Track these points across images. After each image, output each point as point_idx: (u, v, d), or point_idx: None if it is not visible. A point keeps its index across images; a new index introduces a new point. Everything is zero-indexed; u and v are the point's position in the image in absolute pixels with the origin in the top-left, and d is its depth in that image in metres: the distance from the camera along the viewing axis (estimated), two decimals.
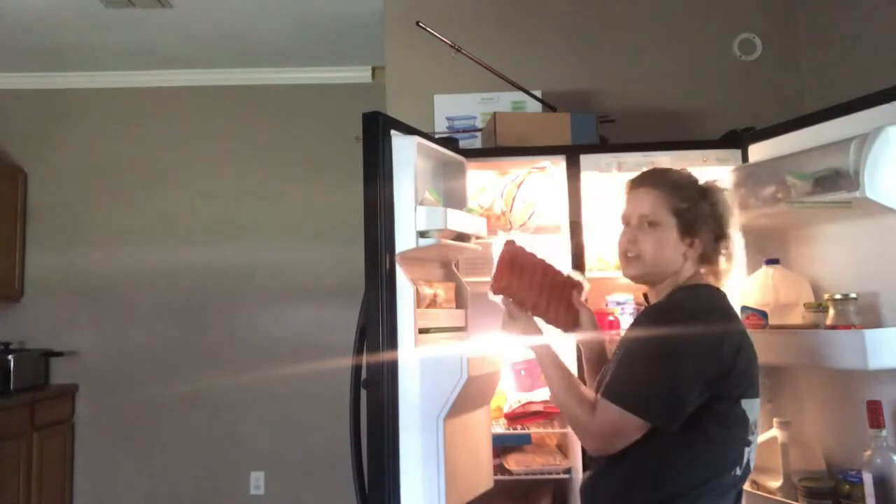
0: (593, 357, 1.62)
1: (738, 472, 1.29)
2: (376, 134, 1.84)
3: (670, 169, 1.50)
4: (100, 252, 4.04)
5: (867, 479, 1.51)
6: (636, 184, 1.48)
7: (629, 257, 1.45)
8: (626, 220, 1.48)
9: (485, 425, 2.10)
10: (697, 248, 1.41)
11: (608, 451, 1.30)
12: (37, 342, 3.95)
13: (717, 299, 1.40)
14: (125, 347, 3.98)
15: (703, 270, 1.43)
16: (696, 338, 1.26)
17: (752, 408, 1.30)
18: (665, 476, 1.28)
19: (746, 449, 1.30)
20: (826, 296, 1.73)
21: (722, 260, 1.42)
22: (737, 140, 2.16)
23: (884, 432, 1.53)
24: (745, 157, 2.12)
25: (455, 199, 2.16)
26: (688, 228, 1.40)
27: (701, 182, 1.46)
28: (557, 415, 2.37)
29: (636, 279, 1.48)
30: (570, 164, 2.22)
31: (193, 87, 4.16)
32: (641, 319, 1.42)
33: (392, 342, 1.79)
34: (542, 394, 2.37)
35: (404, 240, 1.83)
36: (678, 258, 1.41)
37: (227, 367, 3.91)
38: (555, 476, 2.27)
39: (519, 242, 2.38)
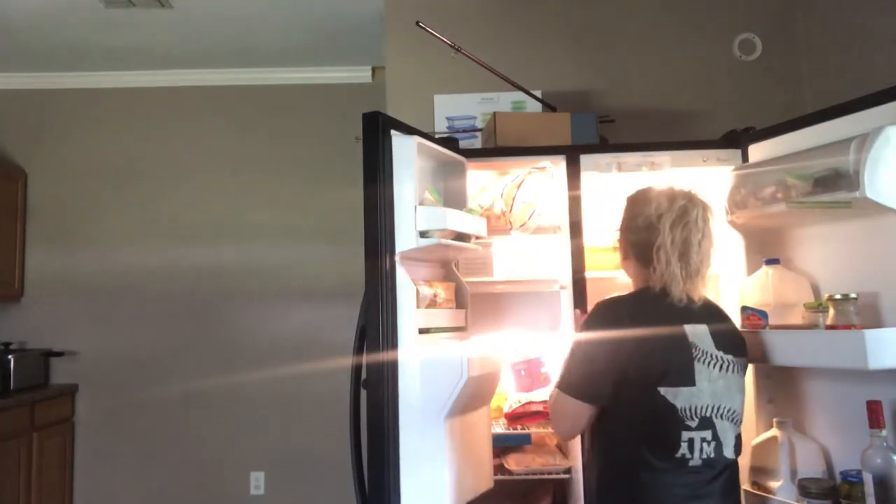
0: None
1: (687, 454, 1.43)
2: (376, 134, 1.84)
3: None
4: (100, 252, 4.04)
5: (867, 479, 1.51)
6: None
7: None
8: None
9: (485, 425, 2.10)
10: (626, 254, 1.67)
11: (564, 432, 1.63)
12: (37, 342, 3.95)
13: (625, 300, 1.59)
14: (125, 347, 3.98)
15: (649, 276, 1.58)
16: (597, 334, 1.52)
17: (677, 396, 1.44)
18: (607, 450, 1.54)
19: (685, 433, 1.43)
20: (826, 296, 1.73)
21: (645, 263, 1.58)
22: (737, 140, 2.16)
23: (884, 432, 1.53)
24: (745, 157, 2.11)
25: (455, 199, 2.16)
26: (619, 239, 1.71)
27: (642, 191, 1.66)
28: None
29: None
30: (570, 164, 2.22)
31: (193, 87, 4.16)
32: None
33: (392, 342, 1.79)
34: (542, 394, 2.37)
35: (404, 240, 1.83)
36: (621, 264, 1.72)
37: (227, 367, 3.91)
38: (555, 476, 2.27)
39: (519, 242, 2.40)
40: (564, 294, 2.33)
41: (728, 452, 1.48)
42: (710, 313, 1.58)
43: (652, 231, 1.55)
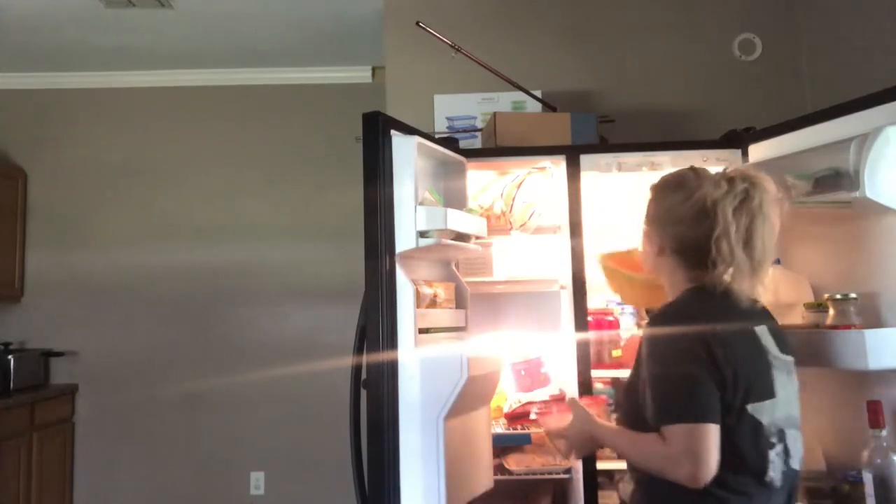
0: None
1: (773, 476, 1.24)
2: (376, 134, 1.84)
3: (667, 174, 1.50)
4: (100, 252, 4.04)
5: (867, 479, 1.51)
6: None
7: None
8: None
9: (485, 425, 2.10)
10: (661, 248, 1.41)
11: (702, 472, 1.17)
12: (37, 342, 3.95)
13: (687, 304, 1.35)
14: (125, 347, 3.98)
15: (693, 273, 1.37)
16: (681, 350, 1.25)
17: (762, 411, 1.25)
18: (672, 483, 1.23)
19: (771, 452, 1.25)
20: (826, 296, 1.73)
21: (698, 258, 1.34)
22: (737, 140, 2.16)
23: (884, 432, 1.53)
24: (745, 157, 2.12)
25: (455, 199, 2.16)
26: (649, 231, 1.45)
27: (682, 175, 1.42)
28: None
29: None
30: (570, 164, 2.22)
31: (193, 87, 4.16)
32: (644, 334, 1.37)
33: (392, 342, 1.79)
34: (542, 394, 2.37)
35: (404, 240, 1.83)
36: (652, 264, 1.46)
37: (227, 367, 3.91)
38: (555, 476, 2.27)
39: (519, 242, 2.40)
40: (564, 294, 2.33)
41: (795, 464, 1.29)
42: (764, 311, 1.39)
43: (706, 219, 1.32)
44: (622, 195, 2.24)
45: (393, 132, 1.87)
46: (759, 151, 2.06)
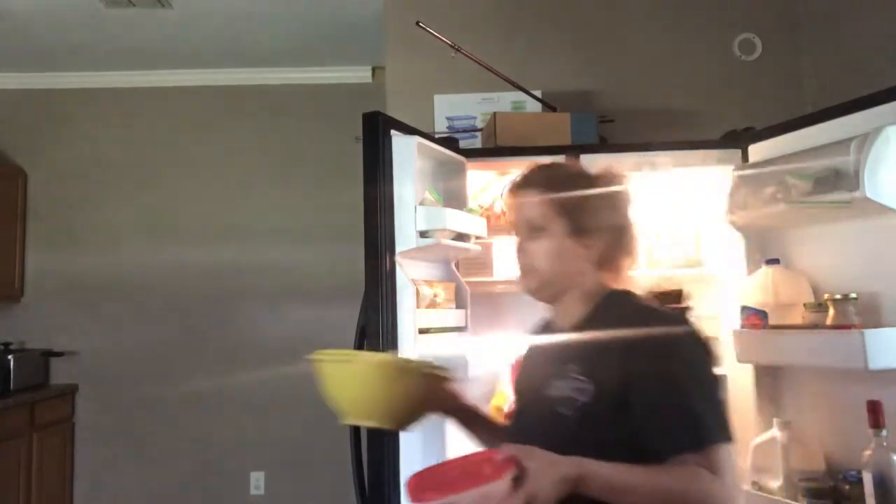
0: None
1: None
2: (376, 134, 1.84)
3: (553, 163, 1.35)
4: (100, 252, 4.04)
5: (867, 479, 1.51)
6: (517, 187, 1.29)
7: (522, 270, 1.27)
8: (515, 230, 1.29)
9: None
10: (597, 248, 1.22)
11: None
12: (37, 342, 3.95)
13: (650, 304, 1.24)
14: (125, 347, 3.99)
15: (604, 274, 1.24)
16: (692, 347, 1.12)
17: None
18: None
19: None
20: (826, 296, 1.73)
21: (625, 260, 1.26)
22: (737, 140, 2.16)
23: (884, 432, 1.53)
24: (745, 157, 2.12)
25: (455, 199, 2.16)
26: (581, 228, 1.21)
27: (593, 170, 1.28)
28: None
29: (533, 294, 1.27)
30: None
31: (193, 87, 4.16)
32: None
33: (392, 342, 1.79)
34: None
35: (404, 240, 1.83)
36: (575, 264, 1.22)
37: (227, 367, 3.91)
38: None
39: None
40: None
41: None
42: None
43: (624, 213, 1.27)
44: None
45: (393, 132, 1.87)
46: (759, 151, 2.06)
